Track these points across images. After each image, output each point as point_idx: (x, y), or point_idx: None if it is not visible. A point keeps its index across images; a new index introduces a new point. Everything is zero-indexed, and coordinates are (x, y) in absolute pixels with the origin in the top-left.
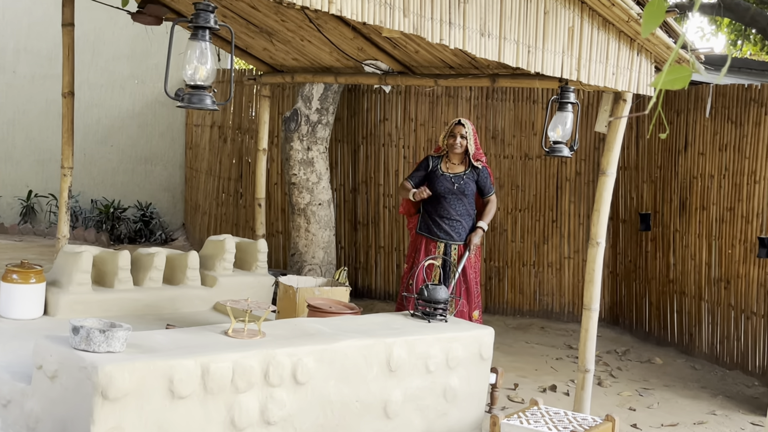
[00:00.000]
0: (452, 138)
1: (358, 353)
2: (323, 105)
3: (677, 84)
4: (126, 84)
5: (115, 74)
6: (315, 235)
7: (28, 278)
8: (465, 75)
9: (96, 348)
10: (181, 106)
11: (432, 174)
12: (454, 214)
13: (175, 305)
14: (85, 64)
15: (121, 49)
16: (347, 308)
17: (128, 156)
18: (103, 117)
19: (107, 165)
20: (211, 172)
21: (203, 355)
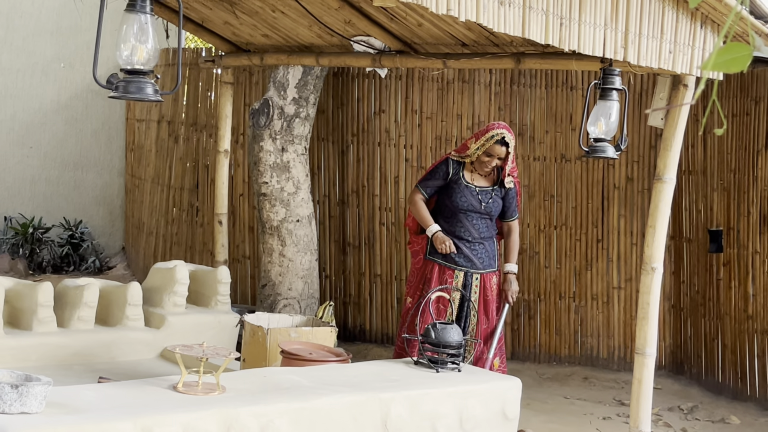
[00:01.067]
0: (488, 157)
1: (347, 413)
2: (302, 94)
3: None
4: (49, 68)
5: (35, 56)
6: (292, 261)
7: None
8: (482, 54)
9: (6, 408)
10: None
11: (453, 183)
12: (477, 235)
13: (111, 352)
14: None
15: (44, 24)
16: (333, 354)
17: (52, 160)
18: (20, 111)
19: (25, 172)
20: (158, 181)
21: (145, 416)
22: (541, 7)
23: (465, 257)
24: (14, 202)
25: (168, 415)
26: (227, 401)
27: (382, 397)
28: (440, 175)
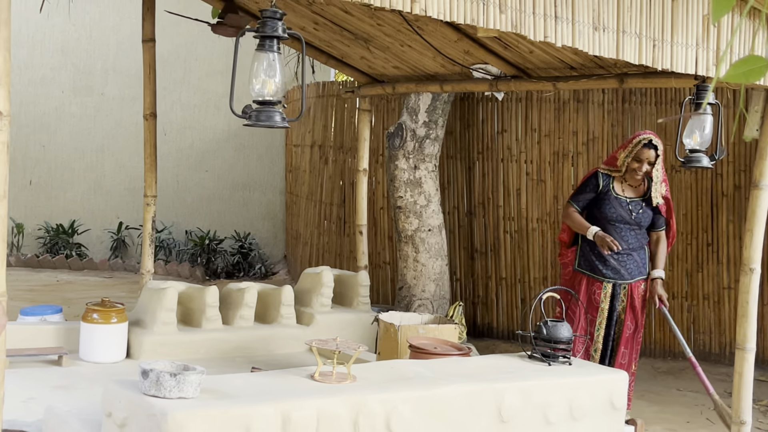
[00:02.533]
0: (637, 162)
1: (464, 401)
2: (431, 117)
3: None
4: (220, 103)
5: (208, 93)
6: (425, 266)
7: (109, 318)
8: (588, 76)
9: (167, 393)
10: (248, 125)
11: (603, 195)
12: (625, 246)
13: (268, 346)
14: (176, 83)
15: (216, 66)
16: (455, 349)
17: (224, 182)
18: (197, 140)
19: (202, 192)
20: (312, 198)
21: (285, 401)
22: (635, 31)
23: (612, 269)
24: (193, 218)
25: (305, 400)
26: (357, 389)
27: (497, 387)
28: (591, 188)
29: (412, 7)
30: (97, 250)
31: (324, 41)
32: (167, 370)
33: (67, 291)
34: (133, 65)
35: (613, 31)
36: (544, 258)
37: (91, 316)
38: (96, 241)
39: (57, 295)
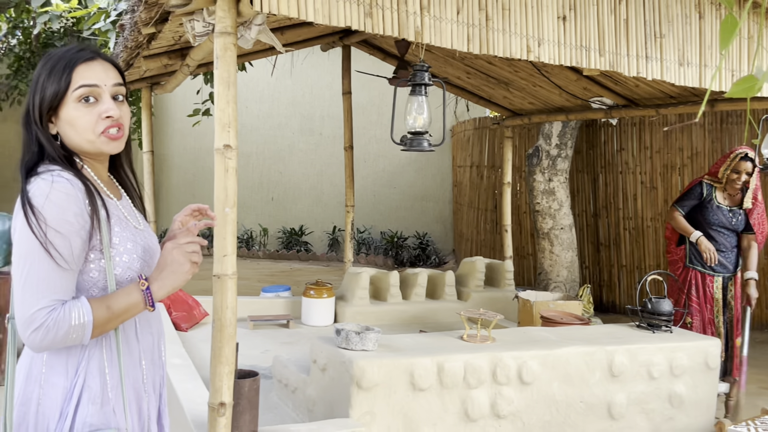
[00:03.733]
0: (736, 173)
1: (580, 359)
2: (562, 140)
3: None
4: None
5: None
6: (558, 256)
7: (322, 294)
8: (685, 103)
9: (353, 347)
10: (404, 150)
11: (706, 203)
12: (729, 246)
13: (435, 316)
14: (372, 123)
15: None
16: (577, 319)
17: (407, 195)
18: (387, 165)
19: (391, 203)
20: (472, 205)
21: (439, 355)
22: (715, 64)
23: (721, 264)
24: (385, 222)
25: (455, 354)
26: (495, 347)
27: (608, 349)
28: (695, 195)
29: (528, 55)
30: (318, 246)
31: (474, 86)
32: (353, 330)
33: (297, 276)
34: (341, 112)
35: (696, 66)
36: (657, 249)
37: (309, 293)
38: (317, 240)
39: (290, 279)
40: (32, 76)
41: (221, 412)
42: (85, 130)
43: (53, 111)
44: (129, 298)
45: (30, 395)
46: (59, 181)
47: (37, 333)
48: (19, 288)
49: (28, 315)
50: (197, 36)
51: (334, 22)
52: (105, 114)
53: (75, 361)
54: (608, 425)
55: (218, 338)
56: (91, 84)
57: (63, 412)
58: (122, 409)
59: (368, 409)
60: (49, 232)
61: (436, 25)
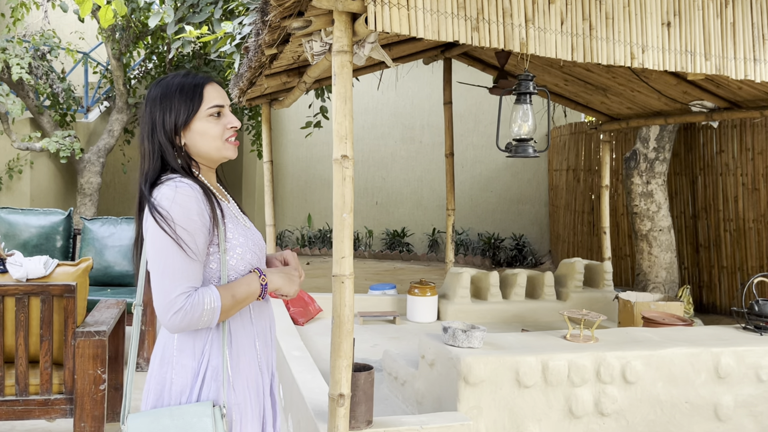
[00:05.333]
0: None
1: (685, 360)
2: (659, 144)
3: None
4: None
5: (491, 136)
6: (657, 257)
7: (425, 292)
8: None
9: (460, 344)
10: (510, 156)
11: None
12: None
13: (535, 315)
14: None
15: (494, 117)
16: (679, 320)
17: (504, 198)
18: (484, 170)
19: (488, 206)
20: (568, 208)
21: (543, 353)
22: None
23: None
24: (482, 224)
25: (559, 353)
26: (599, 347)
27: (713, 351)
28: None
29: (632, 62)
30: (419, 247)
31: (572, 92)
32: (460, 328)
33: (399, 274)
34: (440, 121)
35: None
36: (759, 251)
37: (414, 291)
38: (418, 241)
39: (394, 277)
40: (152, 97)
41: (341, 403)
42: (215, 138)
43: (186, 125)
44: (249, 287)
45: (164, 376)
46: (182, 186)
47: (177, 315)
48: (158, 279)
49: (169, 300)
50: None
51: (443, 37)
52: (230, 125)
53: (201, 344)
54: (714, 426)
55: (337, 333)
56: (220, 104)
57: (192, 388)
58: (242, 386)
59: (475, 403)
60: (177, 229)
61: (540, 36)
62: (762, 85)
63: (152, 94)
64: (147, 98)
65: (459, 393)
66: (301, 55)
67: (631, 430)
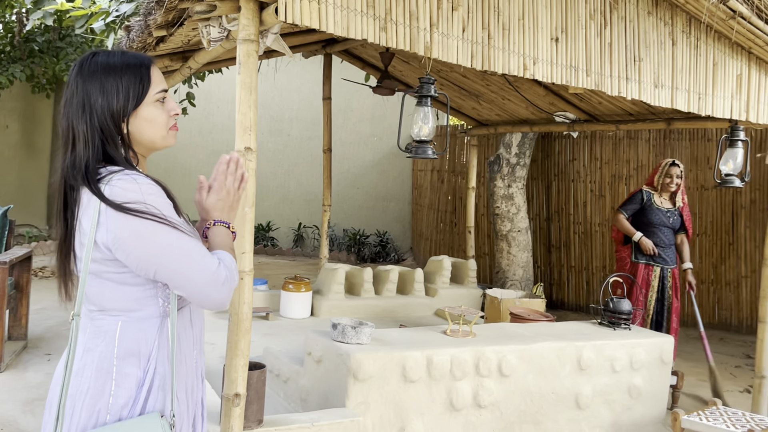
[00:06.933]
0: (668, 178)
1: (553, 353)
2: (521, 150)
3: None
4: (368, 141)
5: (360, 134)
6: (515, 256)
7: (300, 288)
8: (643, 120)
9: (349, 340)
10: (410, 157)
11: (647, 207)
12: (667, 242)
13: (405, 310)
14: (338, 127)
15: (365, 114)
16: (543, 316)
17: (370, 195)
18: (352, 167)
19: (354, 202)
20: (431, 207)
21: (428, 348)
22: (685, 87)
23: (661, 258)
24: (349, 220)
25: (442, 348)
26: (477, 342)
27: (577, 344)
28: (637, 201)
29: (524, 72)
30: (284, 242)
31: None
32: (349, 324)
33: (265, 269)
34: (309, 115)
35: (669, 88)
36: (603, 252)
37: (288, 286)
38: (283, 235)
39: (260, 272)
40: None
41: (236, 403)
42: (162, 126)
43: (134, 110)
44: (227, 238)
45: (102, 389)
46: (140, 179)
47: (225, 285)
48: (186, 266)
49: (212, 275)
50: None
51: (352, 34)
52: (173, 112)
53: (147, 350)
54: (575, 414)
55: (235, 332)
56: (165, 88)
57: (136, 400)
58: (182, 394)
59: (363, 399)
60: (165, 215)
61: (443, 42)
62: (618, 101)
63: (87, 70)
64: (78, 75)
65: (348, 389)
66: (192, 39)
67: (505, 420)
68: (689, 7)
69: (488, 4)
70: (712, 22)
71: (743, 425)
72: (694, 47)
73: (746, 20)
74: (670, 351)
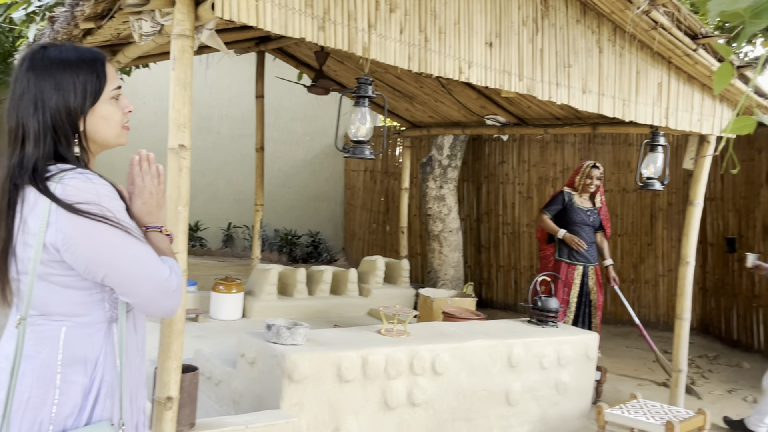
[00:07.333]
0: (589, 179)
1: (484, 351)
2: (453, 152)
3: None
4: (301, 140)
5: (292, 133)
6: (447, 256)
7: (231, 289)
8: (570, 124)
9: (284, 341)
10: (347, 157)
11: (569, 207)
12: (588, 240)
13: (339, 311)
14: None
15: (297, 113)
16: (474, 315)
17: (302, 195)
18: (284, 166)
19: (286, 202)
20: (364, 207)
21: (363, 348)
22: (611, 94)
23: (582, 256)
24: (281, 221)
25: (377, 348)
26: (411, 341)
27: (507, 342)
28: (559, 202)
29: (460, 76)
30: (213, 242)
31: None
32: (284, 325)
33: (194, 270)
34: (239, 113)
35: (596, 94)
36: (530, 252)
37: (219, 288)
38: (212, 235)
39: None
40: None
41: (169, 406)
42: (117, 124)
43: (91, 107)
44: (165, 242)
45: (44, 398)
46: (94, 178)
47: (176, 293)
48: (137, 273)
49: (163, 282)
50: (144, 35)
51: (290, 33)
52: (127, 109)
53: (94, 356)
54: (505, 411)
55: (167, 334)
56: (119, 85)
57: (83, 410)
58: (127, 401)
59: (298, 400)
60: (119, 219)
61: (381, 43)
62: (547, 106)
63: (40, 65)
64: (30, 70)
65: (282, 390)
66: (122, 32)
67: (438, 418)
68: (615, 17)
69: (425, 7)
70: (636, 32)
71: (661, 417)
72: (619, 55)
73: (667, 31)
74: (595, 347)
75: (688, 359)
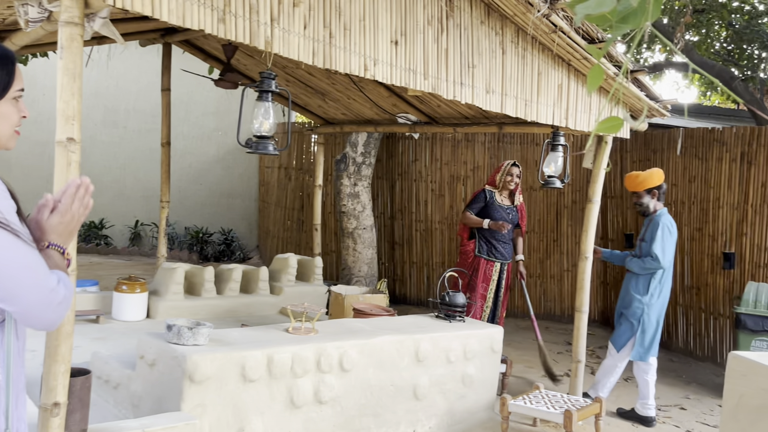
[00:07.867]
0: (509, 177)
1: (392, 346)
2: (367, 149)
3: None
4: (212, 135)
5: (203, 128)
6: (361, 253)
7: (134, 289)
8: (478, 123)
9: (185, 342)
10: (250, 152)
11: (490, 205)
12: (507, 238)
13: (249, 310)
14: (180, 120)
15: (209, 108)
16: (384, 311)
17: (214, 192)
18: (195, 162)
19: (197, 199)
20: (278, 204)
21: (269, 347)
22: (513, 94)
23: (500, 253)
24: (191, 218)
25: (283, 346)
26: (319, 339)
27: (415, 337)
28: (481, 199)
29: (365, 73)
30: (119, 240)
31: (293, 93)
32: (185, 325)
33: (98, 270)
34: (147, 107)
35: (499, 94)
36: (443, 248)
37: (121, 287)
38: (118, 233)
39: (91, 272)
40: None
41: (55, 413)
42: (12, 125)
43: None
44: (62, 262)
45: None
46: None
47: (61, 306)
48: (23, 280)
49: (50, 292)
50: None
51: (188, 24)
52: (23, 113)
53: None
54: (413, 405)
55: (54, 336)
56: (23, 87)
57: None
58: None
59: (200, 401)
60: (8, 221)
61: (285, 37)
62: (455, 105)
63: None
64: None
65: (183, 392)
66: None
67: (345, 415)
68: (517, 20)
69: (329, 2)
70: (537, 35)
71: (561, 406)
72: (522, 57)
73: (566, 35)
74: (500, 340)
75: (589, 350)
